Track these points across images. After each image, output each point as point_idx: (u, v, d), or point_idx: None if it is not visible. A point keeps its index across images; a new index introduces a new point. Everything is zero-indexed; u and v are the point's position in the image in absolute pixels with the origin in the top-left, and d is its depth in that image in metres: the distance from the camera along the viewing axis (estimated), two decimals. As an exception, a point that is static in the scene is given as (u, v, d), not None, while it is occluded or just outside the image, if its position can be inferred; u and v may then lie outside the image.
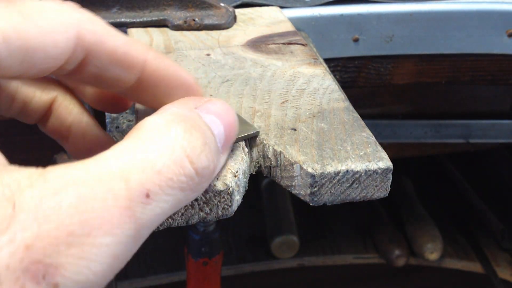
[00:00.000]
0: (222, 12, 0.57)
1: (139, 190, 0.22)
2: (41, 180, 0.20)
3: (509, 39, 0.66)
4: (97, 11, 0.56)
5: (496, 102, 1.04)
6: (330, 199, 0.33)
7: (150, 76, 0.29)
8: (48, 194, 0.20)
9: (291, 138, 0.35)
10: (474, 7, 0.65)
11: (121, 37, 0.28)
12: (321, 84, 0.43)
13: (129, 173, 0.22)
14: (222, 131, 0.28)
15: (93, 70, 0.28)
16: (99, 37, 0.27)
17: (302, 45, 0.51)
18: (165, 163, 0.23)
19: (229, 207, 0.31)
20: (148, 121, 0.25)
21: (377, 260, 1.11)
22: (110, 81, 0.29)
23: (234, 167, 0.32)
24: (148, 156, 0.23)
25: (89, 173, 0.21)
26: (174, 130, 0.25)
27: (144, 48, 0.29)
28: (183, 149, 0.24)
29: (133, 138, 0.24)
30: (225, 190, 0.30)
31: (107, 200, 0.21)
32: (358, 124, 0.37)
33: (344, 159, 0.33)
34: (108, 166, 0.22)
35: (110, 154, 0.23)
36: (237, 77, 0.44)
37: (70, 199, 0.20)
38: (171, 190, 0.23)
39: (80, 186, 0.21)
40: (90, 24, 0.26)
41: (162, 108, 0.27)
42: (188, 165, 0.24)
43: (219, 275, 0.91)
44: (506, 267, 1.09)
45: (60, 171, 0.21)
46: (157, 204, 0.22)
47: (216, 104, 0.28)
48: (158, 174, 0.23)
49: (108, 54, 0.27)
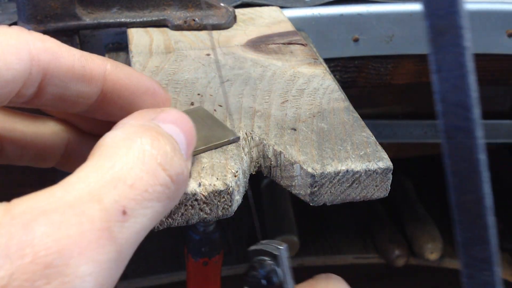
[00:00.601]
0: (222, 12, 0.57)
1: (115, 208, 0.21)
2: (8, 217, 0.19)
3: (509, 39, 0.66)
4: (97, 11, 0.56)
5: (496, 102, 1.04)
6: (330, 199, 0.33)
7: (113, 87, 0.28)
8: (18, 228, 0.18)
9: (291, 138, 0.35)
10: (474, 7, 0.65)
11: (76, 52, 0.27)
12: (321, 84, 0.43)
13: (100, 193, 0.21)
14: (183, 138, 0.27)
15: (54, 90, 0.27)
16: (53, 54, 0.26)
17: (302, 45, 0.51)
18: (138, 175, 0.22)
19: (229, 207, 0.31)
20: (109, 137, 0.24)
21: (377, 260, 1.11)
22: (73, 99, 0.28)
23: (234, 167, 0.32)
24: (117, 172, 0.22)
25: (58, 200, 0.20)
26: (140, 141, 0.23)
27: (102, 60, 0.28)
28: (154, 158, 0.23)
29: (97, 157, 0.23)
30: (225, 190, 0.30)
31: (82, 224, 0.19)
32: (358, 124, 0.37)
33: (344, 159, 0.33)
34: (76, 190, 0.21)
35: (75, 178, 0.21)
36: (237, 77, 0.44)
37: (42, 228, 0.19)
38: (148, 202, 0.22)
39: (50, 214, 0.19)
40: (40, 42, 0.26)
41: (119, 123, 0.26)
42: (162, 173, 0.23)
43: (219, 275, 0.91)
44: (506, 267, 1.09)
45: (26, 203, 0.20)
46: (135, 220, 0.21)
47: (171, 113, 0.27)
48: (131, 188, 0.21)
49: (66, 70, 0.26)
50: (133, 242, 0.21)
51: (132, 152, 0.23)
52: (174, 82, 0.43)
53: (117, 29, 0.59)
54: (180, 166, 0.24)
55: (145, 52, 0.49)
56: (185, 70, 0.45)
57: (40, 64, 0.25)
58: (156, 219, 0.23)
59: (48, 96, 0.27)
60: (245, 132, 0.36)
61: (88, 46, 0.60)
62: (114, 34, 0.60)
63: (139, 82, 0.29)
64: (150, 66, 0.46)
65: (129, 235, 0.21)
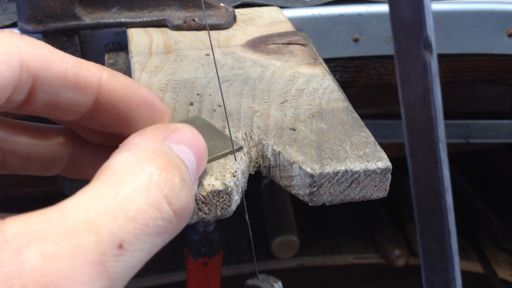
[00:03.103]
0: (222, 12, 0.57)
1: (111, 242, 0.20)
2: (0, 238, 0.18)
3: (509, 39, 0.66)
4: (96, 11, 0.56)
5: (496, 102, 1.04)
6: (329, 199, 0.33)
7: (108, 97, 0.27)
8: (9, 254, 0.18)
9: (290, 138, 0.35)
10: (474, 7, 0.65)
11: (70, 59, 0.26)
12: (321, 84, 0.43)
13: (99, 223, 0.20)
14: (194, 162, 0.26)
15: (45, 97, 0.26)
16: (44, 60, 0.25)
17: (302, 45, 0.51)
18: (140, 208, 0.21)
19: (228, 207, 0.31)
20: (117, 160, 0.23)
21: (377, 260, 1.11)
22: (65, 106, 0.27)
23: (233, 167, 0.32)
24: (120, 201, 0.21)
25: (53, 226, 0.19)
26: (148, 169, 0.22)
27: (98, 68, 0.27)
28: (160, 189, 0.22)
29: (102, 181, 0.21)
30: (224, 190, 0.30)
31: (75, 257, 0.19)
32: (357, 124, 0.37)
33: (343, 159, 0.33)
34: (74, 217, 0.20)
35: (75, 203, 0.20)
36: (237, 77, 0.44)
37: (33, 259, 0.18)
38: (147, 237, 0.21)
39: (43, 242, 0.18)
40: (31, 48, 0.25)
41: (129, 141, 0.25)
42: (166, 207, 0.22)
43: (219, 275, 0.91)
44: (506, 267, 1.09)
45: (20, 225, 0.19)
46: (131, 254, 0.20)
47: (184, 132, 0.26)
48: (132, 222, 0.20)
49: (58, 78, 0.26)
50: (126, 276, 0.21)
51: (138, 181, 0.21)
52: (173, 82, 0.43)
53: (117, 29, 0.59)
54: (187, 199, 0.23)
55: (145, 52, 0.49)
56: (184, 70, 0.45)
57: (30, 70, 0.25)
58: (152, 253, 0.22)
59: (39, 103, 0.26)
60: (244, 132, 0.36)
61: (88, 46, 0.60)
62: (114, 34, 0.60)
63: (136, 94, 0.28)
64: (150, 66, 0.46)
65: (123, 270, 0.20)
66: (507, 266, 1.09)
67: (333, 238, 1.15)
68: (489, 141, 1.00)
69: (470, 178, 1.23)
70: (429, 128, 0.20)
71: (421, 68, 0.19)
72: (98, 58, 0.60)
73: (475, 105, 1.04)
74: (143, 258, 0.21)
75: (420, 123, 0.21)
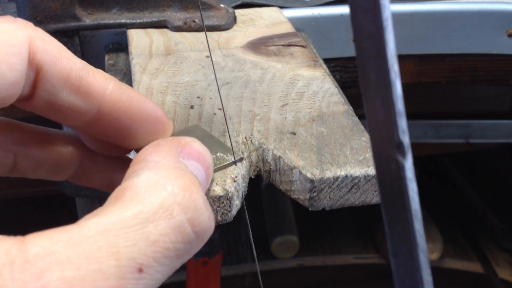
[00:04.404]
0: (222, 13, 0.57)
1: (131, 266, 0.20)
2: (21, 257, 0.18)
3: (509, 39, 0.66)
4: (96, 12, 0.56)
5: (496, 102, 1.04)
6: (329, 204, 0.33)
7: (111, 108, 0.26)
8: (31, 277, 0.18)
9: (291, 142, 0.35)
10: (474, 7, 0.65)
11: (77, 61, 0.26)
12: (321, 87, 0.43)
13: (119, 247, 0.20)
14: (204, 176, 0.26)
15: (45, 96, 0.25)
16: (51, 57, 0.25)
17: (302, 47, 0.51)
18: (162, 232, 0.21)
19: (229, 212, 0.31)
20: (139, 179, 0.22)
21: (377, 260, 1.11)
22: (64, 110, 0.26)
23: (233, 172, 0.32)
24: (141, 225, 0.20)
25: (74, 248, 0.19)
26: (171, 189, 0.22)
27: (104, 77, 0.26)
28: (184, 212, 0.21)
29: (124, 201, 0.21)
30: (224, 196, 0.30)
31: (96, 282, 0.19)
32: (357, 128, 0.37)
33: (343, 164, 0.33)
34: (95, 240, 0.20)
35: (96, 222, 0.20)
36: (237, 79, 0.44)
37: (54, 283, 0.18)
38: (168, 260, 0.21)
39: (65, 266, 0.18)
40: (41, 42, 0.25)
41: (146, 157, 0.24)
42: (189, 230, 0.22)
43: (219, 275, 0.91)
44: (506, 267, 1.09)
45: (42, 244, 0.19)
46: (150, 277, 0.20)
47: (194, 147, 0.26)
48: (153, 246, 0.20)
49: (60, 77, 0.25)
50: None
51: (161, 202, 0.21)
52: (173, 84, 0.43)
53: (117, 29, 0.59)
54: (209, 221, 0.23)
55: (145, 54, 0.49)
56: (185, 73, 0.45)
57: (34, 63, 0.24)
58: (170, 274, 0.22)
59: (39, 101, 0.26)
60: (244, 136, 0.36)
61: (88, 46, 0.60)
62: (114, 34, 0.60)
63: (141, 108, 0.27)
64: (150, 68, 0.46)
65: None
66: (507, 266, 1.09)
67: (333, 238, 1.15)
68: (489, 141, 1.00)
69: (470, 178, 1.23)
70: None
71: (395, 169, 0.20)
72: (98, 59, 0.60)
73: (475, 105, 1.04)
74: (161, 280, 0.21)
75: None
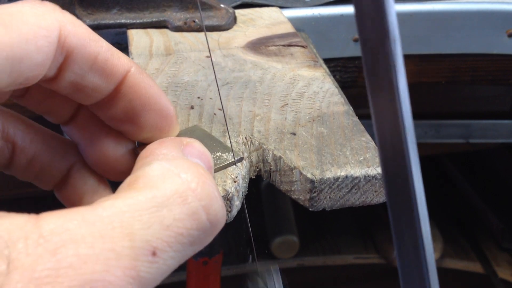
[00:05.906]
0: (222, 13, 0.57)
1: (145, 248, 0.20)
2: (36, 233, 0.19)
3: (509, 39, 0.66)
4: (97, 12, 0.56)
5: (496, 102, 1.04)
6: (329, 204, 0.33)
7: (128, 90, 0.27)
8: (45, 252, 0.18)
9: (291, 142, 0.35)
10: (474, 7, 0.65)
11: (104, 43, 0.26)
12: (321, 87, 0.43)
13: (134, 229, 0.20)
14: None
15: (71, 77, 0.26)
16: (81, 40, 0.25)
17: (302, 47, 0.51)
18: (177, 217, 0.21)
19: (229, 213, 0.31)
20: (152, 168, 0.23)
21: (377, 260, 1.11)
22: (87, 91, 0.27)
23: (233, 172, 0.32)
24: (156, 208, 0.21)
25: (89, 227, 0.19)
26: (185, 176, 0.22)
27: (128, 61, 0.27)
28: (199, 199, 0.22)
29: (138, 186, 0.22)
30: (224, 196, 0.30)
31: (109, 260, 0.19)
32: (357, 129, 0.37)
33: (344, 165, 0.33)
34: (109, 220, 0.20)
35: (110, 205, 0.20)
36: (237, 80, 0.44)
37: (69, 259, 0.18)
38: (181, 246, 0.21)
39: (79, 244, 0.19)
40: (72, 26, 0.25)
41: (154, 151, 0.25)
42: (204, 218, 0.22)
43: (219, 275, 0.91)
44: (506, 267, 1.09)
45: (56, 221, 0.19)
46: (164, 262, 0.20)
47: (195, 147, 0.27)
48: (167, 230, 0.21)
49: (89, 60, 0.26)
50: (156, 281, 0.21)
51: (176, 188, 0.22)
52: (174, 84, 0.43)
53: (117, 29, 0.59)
54: (223, 210, 0.23)
55: (145, 54, 0.49)
56: (185, 73, 0.45)
57: (65, 47, 0.25)
58: (182, 261, 0.22)
59: (64, 82, 0.26)
60: (244, 137, 0.36)
61: (88, 47, 0.60)
62: (114, 35, 0.60)
63: (155, 99, 0.28)
64: (150, 68, 0.46)
65: (154, 276, 0.20)
66: (507, 266, 1.09)
67: (333, 238, 1.15)
68: (489, 141, 1.00)
69: (470, 178, 1.23)
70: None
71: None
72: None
73: (475, 105, 1.04)
74: (174, 266, 0.21)
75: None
